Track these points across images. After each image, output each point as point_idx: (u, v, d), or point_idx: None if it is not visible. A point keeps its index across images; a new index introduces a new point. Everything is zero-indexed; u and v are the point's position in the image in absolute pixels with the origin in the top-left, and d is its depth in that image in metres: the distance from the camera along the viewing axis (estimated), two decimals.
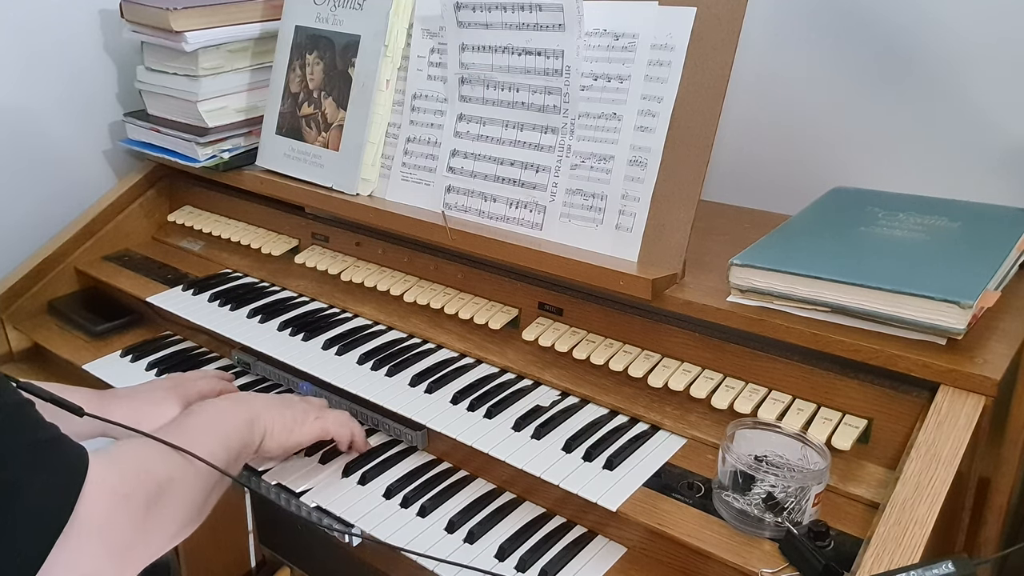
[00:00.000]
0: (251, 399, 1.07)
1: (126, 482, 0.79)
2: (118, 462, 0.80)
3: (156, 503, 0.81)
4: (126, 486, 0.78)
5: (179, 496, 0.84)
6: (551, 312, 1.16)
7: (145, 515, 0.79)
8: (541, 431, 1.02)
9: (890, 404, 0.91)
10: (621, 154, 1.07)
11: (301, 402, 1.10)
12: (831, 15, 1.30)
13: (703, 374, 1.03)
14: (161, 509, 0.81)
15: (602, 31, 1.09)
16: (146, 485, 0.81)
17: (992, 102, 1.20)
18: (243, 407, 1.02)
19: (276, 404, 1.06)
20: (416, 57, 1.28)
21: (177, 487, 0.84)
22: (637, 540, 0.94)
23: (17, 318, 1.53)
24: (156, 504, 0.81)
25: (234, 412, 1.00)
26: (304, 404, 1.09)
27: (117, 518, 0.76)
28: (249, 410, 1.01)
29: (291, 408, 1.06)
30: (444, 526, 0.98)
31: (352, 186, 1.31)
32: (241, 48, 1.49)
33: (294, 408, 1.07)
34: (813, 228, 1.10)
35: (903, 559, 0.72)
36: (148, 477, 0.81)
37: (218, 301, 1.38)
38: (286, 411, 1.05)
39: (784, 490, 0.84)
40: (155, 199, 1.69)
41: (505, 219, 1.18)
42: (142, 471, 0.82)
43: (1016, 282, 1.02)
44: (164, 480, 0.83)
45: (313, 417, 1.07)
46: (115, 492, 0.77)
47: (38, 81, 1.56)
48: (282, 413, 1.04)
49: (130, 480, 0.79)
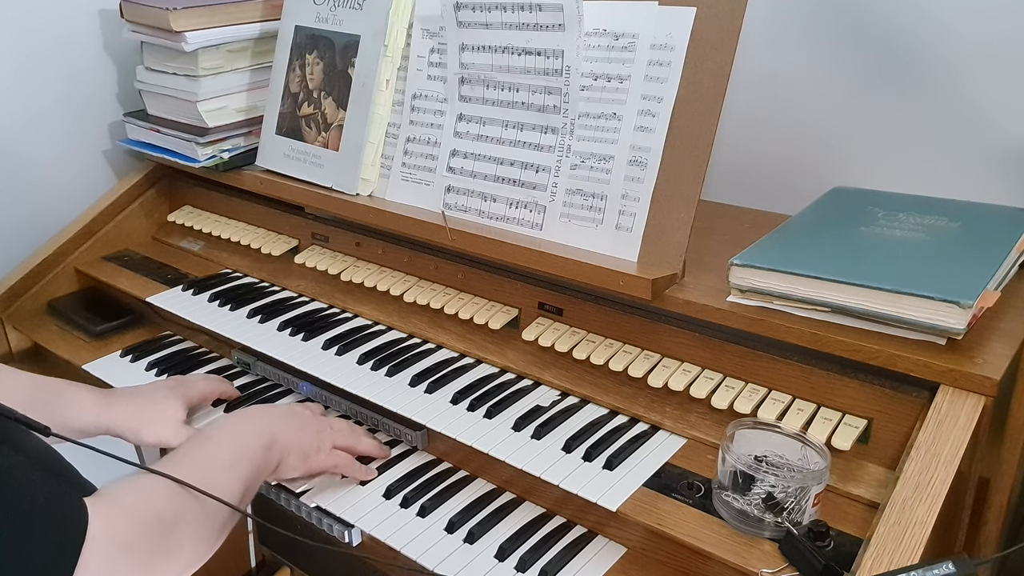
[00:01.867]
0: (268, 417, 1.02)
1: (129, 529, 0.76)
2: (122, 507, 0.77)
3: (160, 547, 0.78)
4: (129, 534, 0.76)
5: (188, 536, 0.82)
6: (551, 312, 1.16)
7: (148, 561, 0.77)
8: (541, 431, 1.02)
9: (890, 404, 0.91)
10: (621, 154, 1.07)
11: (314, 421, 1.06)
12: (831, 15, 1.30)
13: (703, 374, 1.03)
14: (167, 553, 0.79)
15: (602, 31, 1.09)
16: (150, 531, 0.78)
17: (992, 102, 1.20)
18: (261, 428, 0.98)
19: (293, 426, 1.02)
20: (416, 57, 1.28)
21: (186, 527, 0.81)
22: (637, 540, 0.94)
23: (17, 318, 1.53)
24: (160, 549, 0.78)
25: (252, 436, 0.96)
26: (317, 425, 1.06)
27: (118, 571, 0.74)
28: (267, 433, 0.98)
29: (306, 431, 1.03)
30: (444, 526, 0.98)
31: (352, 186, 1.31)
32: (241, 48, 1.49)
33: (308, 431, 1.03)
34: (813, 228, 1.10)
35: (903, 559, 0.72)
36: (153, 521, 0.79)
37: (218, 301, 1.38)
38: (302, 436, 1.02)
39: (784, 490, 0.84)
40: (155, 199, 1.69)
41: (505, 219, 1.18)
42: (148, 515, 0.79)
43: (1016, 282, 1.02)
44: (171, 521, 0.80)
45: (329, 446, 1.04)
46: (116, 543, 0.74)
47: (38, 81, 1.56)
48: (299, 439, 1.01)
49: (133, 527, 0.76)
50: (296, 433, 1.02)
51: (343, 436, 1.07)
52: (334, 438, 1.05)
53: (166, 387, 1.14)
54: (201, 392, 1.17)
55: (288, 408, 1.08)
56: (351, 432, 1.09)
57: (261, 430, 0.98)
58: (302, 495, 1.04)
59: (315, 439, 1.03)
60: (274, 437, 0.98)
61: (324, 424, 1.07)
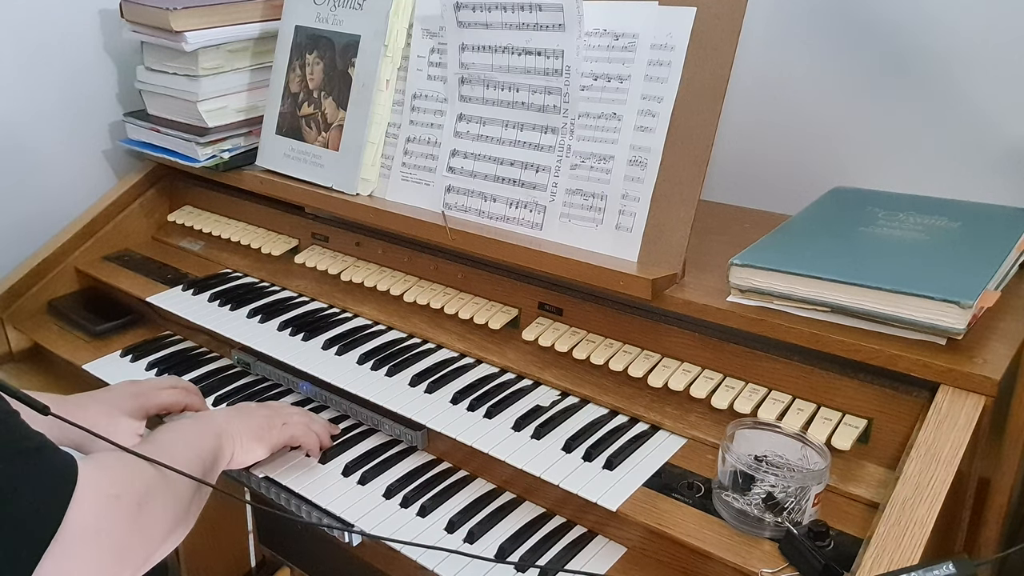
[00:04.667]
0: (211, 415, 1.06)
1: (116, 484, 0.79)
2: (104, 466, 0.81)
3: (146, 502, 0.81)
4: (116, 487, 0.79)
5: (166, 496, 0.85)
6: (551, 312, 1.16)
7: (138, 513, 0.80)
8: (541, 431, 1.02)
9: (890, 404, 0.91)
10: (621, 154, 1.07)
11: (262, 408, 1.10)
12: (831, 15, 1.30)
13: (703, 374, 1.03)
14: (152, 507, 0.82)
15: (602, 31, 1.09)
16: (135, 485, 0.81)
17: (992, 102, 1.20)
18: (207, 423, 1.02)
19: (237, 416, 1.06)
20: (416, 57, 1.28)
21: (162, 489, 0.85)
22: (637, 540, 0.94)
23: (17, 318, 1.53)
24: (147, 503, 0.81)
25: (200, 428, 1.00)
26: (266, 410, 1.09)
27: (111, 518, 0.77)
28: (213, 425, 1.01)
29: (253, 417, 1.07)
30: (444, 526, 0.98)
31: (352, 186, 1.31)
32: (241, 48, 1.49)
33: (256, 416, 1.07)
34: (813, 228, 1.10)
35: (903, 559, 0.72)
36: (135, 478, 0.82)
37: (218, 301, 1.38)
38: (250, 420, 1.05)
39: (784, 490, 0.84)
40: (155, 199, 1.69)
41: (505, 219, 1.18)
42: (130, 476, 0.82)
43: (1016, 282, 1.02)
44: (150, 481, 0.84)
45: (280, 423, 1.07)
46: (106, 494, 0.77)
47: (38, 81, 1.56)
48: (246, 423, 1.04)
49: (119, 481, 0.80)
50: (242, 419, 1.05)
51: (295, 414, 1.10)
52: (283, 416, 1.08)
53: (124, 395, 1.12)
54: (161, 404, 1.14)
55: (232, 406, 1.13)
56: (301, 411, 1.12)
57: (207, 424, 1.02)
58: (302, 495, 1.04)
59: (263, 420, 1.06)
60: (221, 427, 1.01)
61: (271, 408, 1.11)
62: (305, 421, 1.10)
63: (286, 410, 1.12)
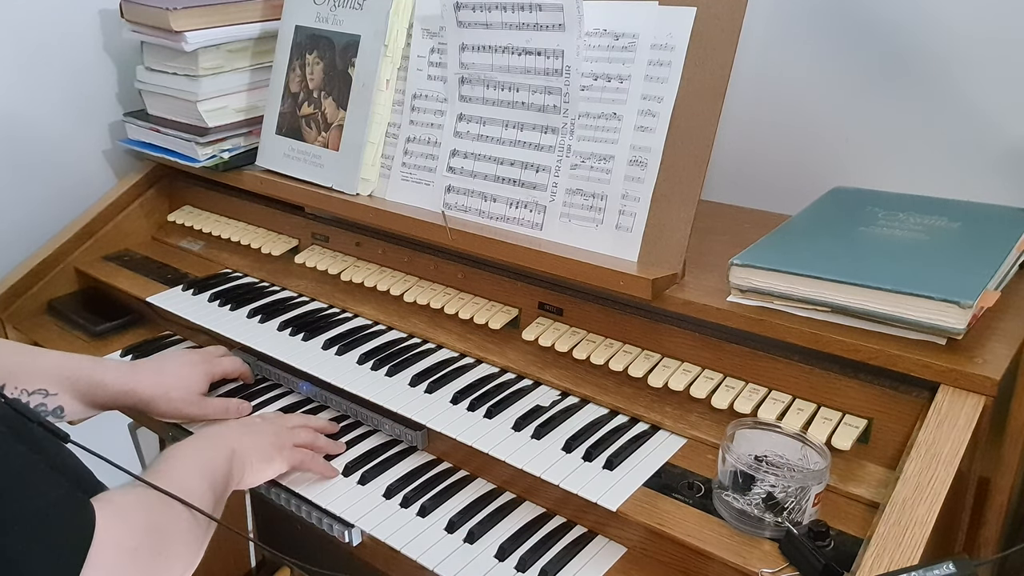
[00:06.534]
0: (223, 432, 1.06)
1: (134, 535, 0.79)
2: (125, 514, 0.80)
3: (160, 554, 0.81)
4: (134, 539, 0.78)
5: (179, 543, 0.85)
6: (551, 312, 1.16)
7: (154, 564, 0.79)
8: (541, 431, 1.02)
9: (890, 404, 0.91)
10: (621, 154, 1.07)
11: (267, 425, 1.09)
12: (831, 15, 1.30)
13: (703, 374, 1.03)
14: (168, 554, 0.82)
15: (602, 31, 1.09)
16: (151, 538, 0.81)
17: (992, 102, 1.20)
18: (219, 443, 1.01)
19: (247, 433, 1.06)
20: (416, 57, 1.28)
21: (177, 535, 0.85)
22: (637, 540, 0.94)
23: (17, 318, 1.53)
24: (161, 555, 0.81)
25: (213, 450, 1.00)
26: (272, 428, 1.08)
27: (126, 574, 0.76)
28: (225, 446, 1.01)
29: (263, 435, 1.06)
30: (444, 526, 0.98)
31: (352, 186, 1.31)
32: (241, 48, 1.49)
33: (265, 435, 1.06)
34: (813, 228, 1.10)
35: (903, 559, 0.72)
36: (153, 528, 0.82)
37: (218, 301, 1.38)
38: (260, 439, 1.05)
39: (784, 490, 0.84)
40: (155, 199, 1.69)
41: (505, 219, 1.18)
42: (148, 523, 0.82)
43: (1016, 282, 1.02)
44: (166, 530, 0.83)
45: (289, 444, 1.06)
46: (123, 547, 0.77)
47: (38, 81, 1.56)
48: (256, 443, 1.04)
49: (138, 533, 0.79)
50: (252, 439, 1.05)
51: (302, 435, 1.09)
52: (293, 437, 1.08)
53: (191, 361, 1.19)
54: (224, 370, 1.22)
55: (238, 421, 1.14)
56: (307, 430, 1.11)
57: (220, 444, 1.01)
58: (302, 495, 1.04)
59: (273, 439, 1.06)
60: (233, 448, 1.01)
61: (278, 426, 1.09)
62: (310, 441, 1.09)
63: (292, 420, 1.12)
